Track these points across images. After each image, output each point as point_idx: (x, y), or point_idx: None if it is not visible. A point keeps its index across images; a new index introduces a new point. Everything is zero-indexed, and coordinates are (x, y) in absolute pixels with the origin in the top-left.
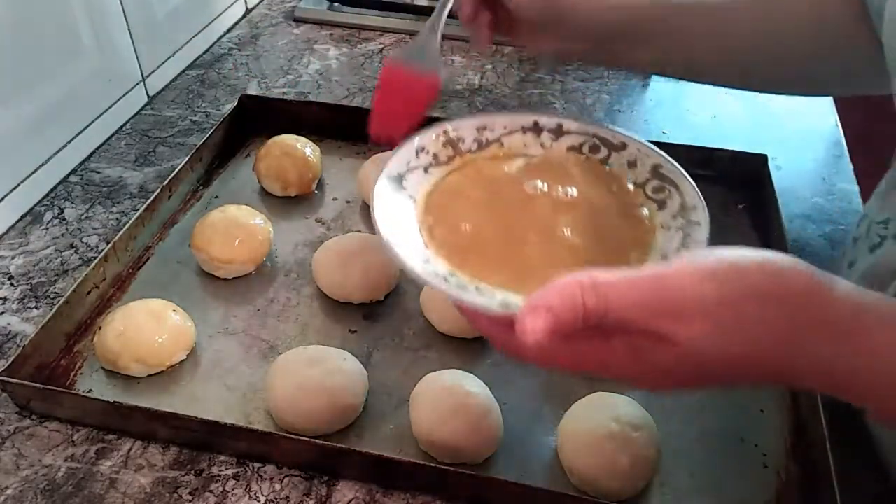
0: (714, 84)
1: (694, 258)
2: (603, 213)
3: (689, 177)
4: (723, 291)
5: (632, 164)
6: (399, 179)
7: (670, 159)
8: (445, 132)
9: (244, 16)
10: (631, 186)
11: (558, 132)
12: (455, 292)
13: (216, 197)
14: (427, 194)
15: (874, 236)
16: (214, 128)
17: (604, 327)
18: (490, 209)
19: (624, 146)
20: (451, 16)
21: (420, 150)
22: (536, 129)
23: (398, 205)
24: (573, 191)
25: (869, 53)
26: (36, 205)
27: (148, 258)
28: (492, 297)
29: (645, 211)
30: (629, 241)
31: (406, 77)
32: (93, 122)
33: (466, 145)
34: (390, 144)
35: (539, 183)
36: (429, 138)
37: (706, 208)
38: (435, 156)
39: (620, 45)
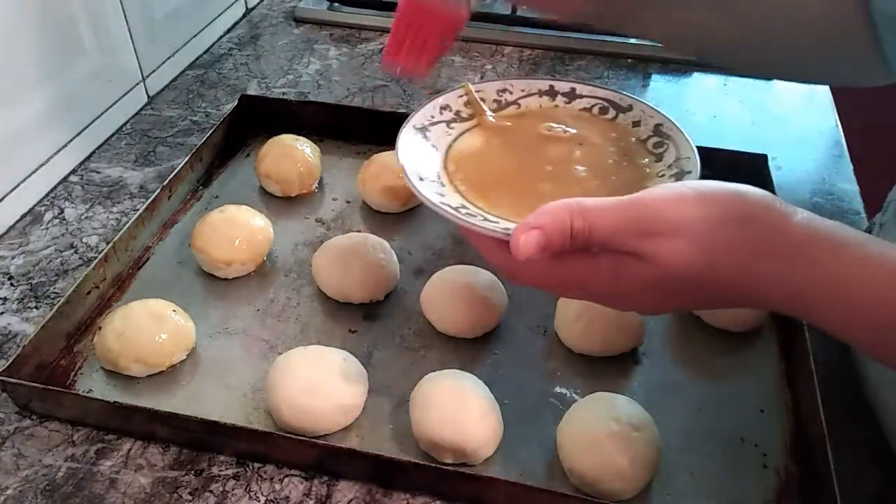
0: (723, 66)
1: (670, 185)
2: (608, 161)
3: (685, 132)
4: (694, 212)
5: (636, 124)
6: (423, 130)
7: (671, 119)
8: (468, 93)
9: (244, 16)
10: (633, 140)
11: (572, 96)
12: (463, 218)
13: (216, 197)
14: (449, 145)
15: None
16: (214, 128)
17: (591, 249)
18: (510, 156)
19: (630, 108)
20: (472, 17)
21: (443, 108)
22: (552, 92)
23: (421, 150)
24: (583, 141)
25: (868, 44)
26: (36, 205)
27: (148, 258)
28: (496, 224)
29: (645, 160)
30: (629, 186)
31: (428, 8)
32: (93, 122)
33: (487, 105)
34: (404, 76)
35: (553, 129)
36: (453, 97)
37: (698, 158)
38: (457, 112)
39: (633, 10)
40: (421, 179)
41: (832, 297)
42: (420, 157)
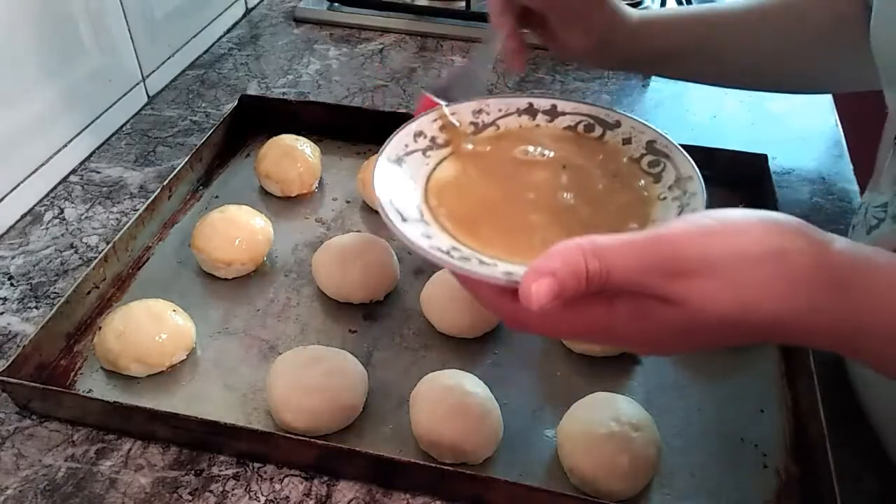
0: (746, 89)
1: (691, 218)
2: (597, 186)
3: (682, 150)
4: (725, 248)
5: (626, 141)
6: (398, 162)
7: (664, 134)
8: (442, 116)
9: (244, 16)
10: (625, 160)
11: (553, 113)
12: (458, 264)
13: (216, 197)
14: (428, 176)
15: (871, 219)
16: (214, 128)
17: (607, 292)
18: (493, 185)
19: (618, 124)
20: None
21: (417, 135)
22: (531, 111)
23: (399, 186)
24: (573, 167)
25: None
26: (36, 205)
27: (148, 258)
28: (494, 268)
29: (641, 182)
30: (628, 212)
31: None
32: (93, 122)
33: (463, 128)
34: None
35: (538, 155)
36: (426, 122)
37: (701, 178)
38: (433, 139)
39: (649, 66)
40: (404, 220)
41: (874, 323)
42: (399, 193)
